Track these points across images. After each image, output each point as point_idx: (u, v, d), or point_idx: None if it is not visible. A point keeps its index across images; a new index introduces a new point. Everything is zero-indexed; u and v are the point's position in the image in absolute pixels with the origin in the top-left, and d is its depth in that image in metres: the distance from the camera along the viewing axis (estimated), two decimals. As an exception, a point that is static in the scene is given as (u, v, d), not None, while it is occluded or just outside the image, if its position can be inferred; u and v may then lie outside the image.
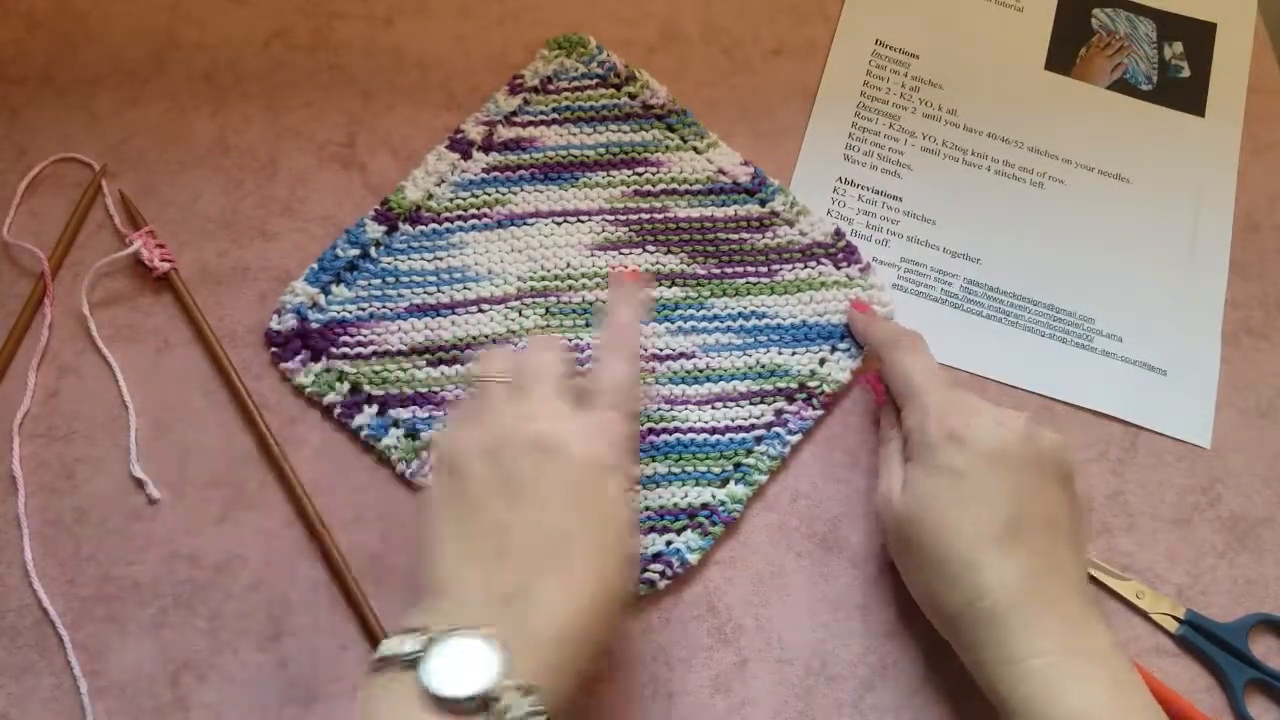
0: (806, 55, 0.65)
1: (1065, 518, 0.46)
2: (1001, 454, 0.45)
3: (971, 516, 0.44)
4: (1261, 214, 0.64)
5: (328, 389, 0.54)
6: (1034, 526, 0.45)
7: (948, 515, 0.45)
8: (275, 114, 0.61)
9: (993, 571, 0.43)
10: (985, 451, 0.45)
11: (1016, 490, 0.45)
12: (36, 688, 0.48)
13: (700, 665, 0.51)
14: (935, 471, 0.46)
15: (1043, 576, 0.44)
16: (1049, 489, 0.46)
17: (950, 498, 0.45)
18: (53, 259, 0.56)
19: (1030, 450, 0.46)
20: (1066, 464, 0.47)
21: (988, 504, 0.44)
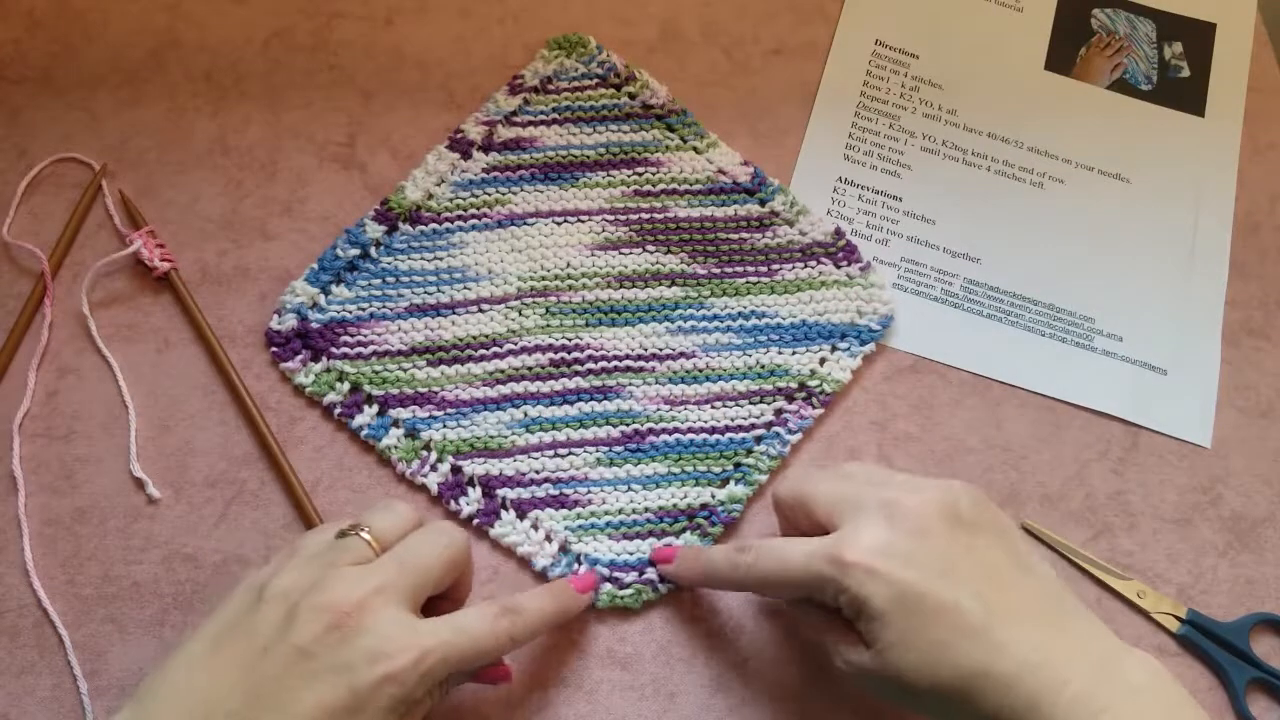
0: (806, 55, 0.65)
1: (1006, 559, 0.43)
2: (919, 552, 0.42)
3: (947, 631, 0.41)
4: (1261, 214, 0.64)
5: (328, 389, 0.54)
6: (996, 593, 0.42)
7: (927, 647, 0.41)
8: (275, 114, 0.61)
9: (1002, 665, 0.40)
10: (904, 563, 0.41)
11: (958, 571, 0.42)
12: (36, 688, 0.48)
13: (700, 665, 0.51)
14: (884, 617, 0.41)
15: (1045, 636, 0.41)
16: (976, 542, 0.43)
17: (915, 629, 0.41)
18: (53, 259, 0.56)
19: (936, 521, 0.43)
20: (965, 508, 0.44)
21: (949, 608, 0.41)
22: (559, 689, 0.50)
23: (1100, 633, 0.43)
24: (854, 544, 0.42)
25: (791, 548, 0.44)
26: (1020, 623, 0.41)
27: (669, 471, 0.54)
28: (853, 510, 0.44)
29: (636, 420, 0.55)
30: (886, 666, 0.42)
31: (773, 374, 0.56)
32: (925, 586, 0.41)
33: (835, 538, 0.43)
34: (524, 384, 0.55)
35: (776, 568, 0.44)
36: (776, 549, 0.45)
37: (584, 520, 0.53)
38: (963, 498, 0.44)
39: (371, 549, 0.43)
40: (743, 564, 0.45)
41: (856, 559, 0.41)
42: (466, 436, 0.54)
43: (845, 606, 0.42)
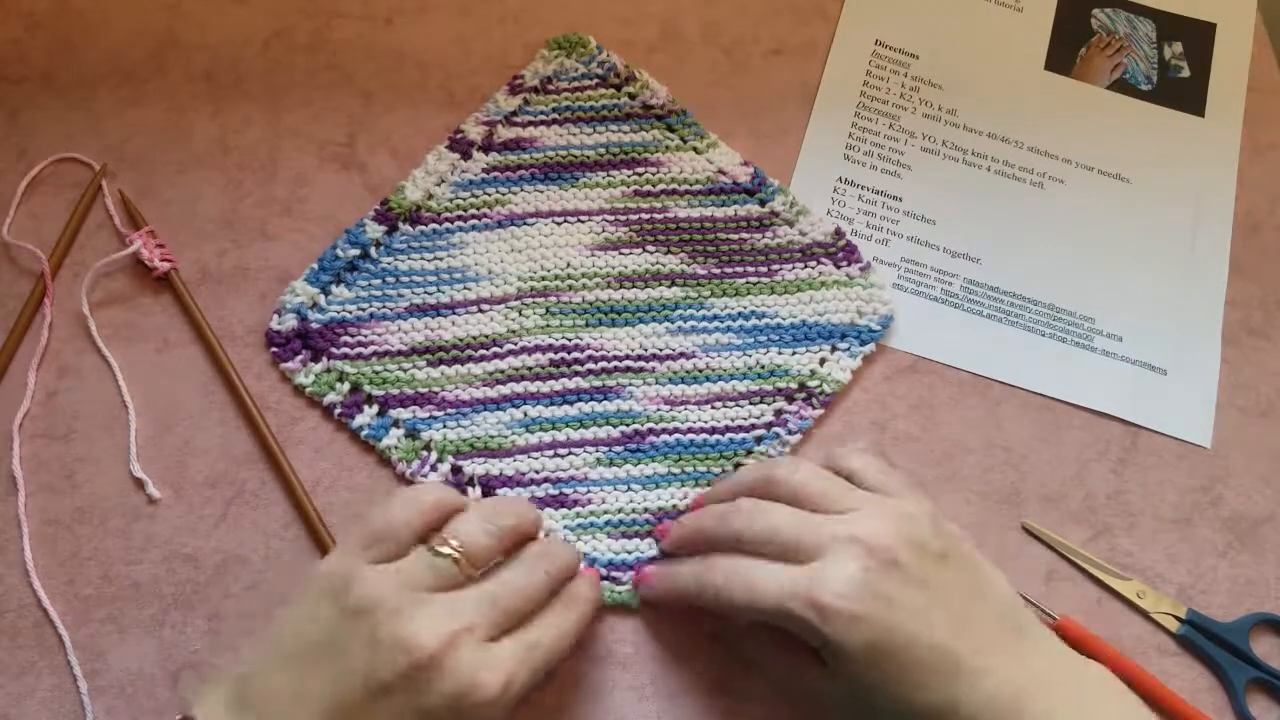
0: (806, 55, 0.65)
1: (967, 583, 0.44)
2: (896, 589, 0.42)
3: (920, 668, 0.41)
4: (1261, 214, 0.64)
5: (328, 389, 0.54)
6: (963, 623, 0.42)
7: (899, 684, 0.42)
8: (275, 114, 0.61)
9: (970, 697, 0.41)
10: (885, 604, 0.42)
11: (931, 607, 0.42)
12: (36, 688, 0.48)
13: (700, 665, 0.51)
14: (855, 657, 0.41)
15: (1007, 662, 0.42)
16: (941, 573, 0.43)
17: (888, 666, 0.41)
18: (53, 259, 0.56)
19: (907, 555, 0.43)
20: (926, 536, 0.44)
21: (922, 644, 0.41)
22: (559, 689, 0.50)
23: (1053, 647, 0.44)
24: (830, 585, 0.42)
25: (763, 579, 0.43)
26: (986, 652, 0.42)
27: (669, 472, 0.54)
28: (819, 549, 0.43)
29: (636, 420, 0.55)
30: (853, 699, 0.43)
31: (773, 374, 0.56)
32: (903, 630, 0.41)
33: (809, 576, 0.42)
34: (524, 384, 0.55)
35: (746, 598, 0.44)
36: (746, 577, 0.44)
37: (583, 519, 0.53)
38: (925, 526, 0.44)
39: (463, 573, 0.42)
40: (710, 585, 0.45)
41: (836, 604, 0.41)
42: (466, 436, 0.54)
43: (818, 645, 0.43)
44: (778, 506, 0.46)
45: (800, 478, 0.46)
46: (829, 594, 0.41)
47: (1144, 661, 0.52)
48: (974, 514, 0.55)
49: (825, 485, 0.46)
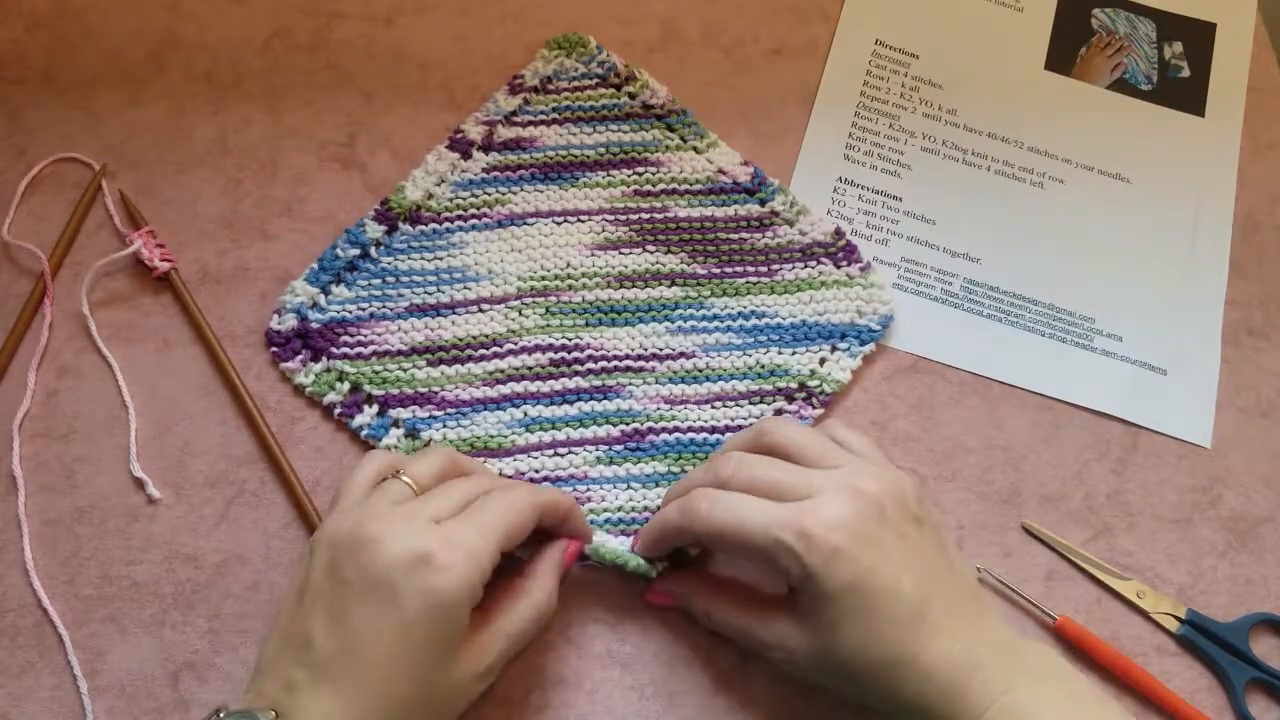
0: (806, 55, 0.65)
1: (937, 551, 0.45)
2: (876, 538, 0.43)
3: (885, 619, 0.42)
4: (1261, 214, 0.64)
5: (328, 389, 0.54)
6: (929, 585, 0.43)
7: (865, 630, 0.42)
8: (275, 114, 0.61)
9: (924, 656, 0.42)
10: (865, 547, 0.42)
11: (902, 562, 0.43)
12: (36, 688, 0.48)
13: (700, 665, 0.51)
14: (831, 597, 0.42)
15: (961, 626, 0.43)
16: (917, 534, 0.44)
17: (857, 612, 0.42)
18: (53, 259, 0.56)
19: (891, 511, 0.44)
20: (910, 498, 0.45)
21: (890, 596, 0.42)
22: (559, 689, 0.50)
23: (1005, 628, 0.45)
24: (820, 517, 0.43)
25: (752, 507, 0.44)
26: (947, 614, 0.43)
27: (669, 470, 0.54)
28: (810, 491, 0.44)
29: (636, 420, 0.55)
30: (819, 641, 0.43)
31: (773, 374, 0.56)
32: (879, 571, 0.42)
33: (799, 508, 0.43)
34: (524, 384, 0.55)
35: (733, 523, 0.44)
36: (735, 504, 0.44)
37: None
38: (910, 490, 0.45)
39: (411, 490, 0.45)
40: (693, 510, 0.45)
41: (823, 534, 0.42)
42: (466, 436, 0.54)
43: (795, 577, 0.43)
44: (766, 458, 0.46)
45: (789, 431, 0.47)
46: (818, 524, 0.42)
47: (1144, 661, 0.52)
48: (974, 514, 0.55)
49: (814, 441, 0.47)
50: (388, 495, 0.44)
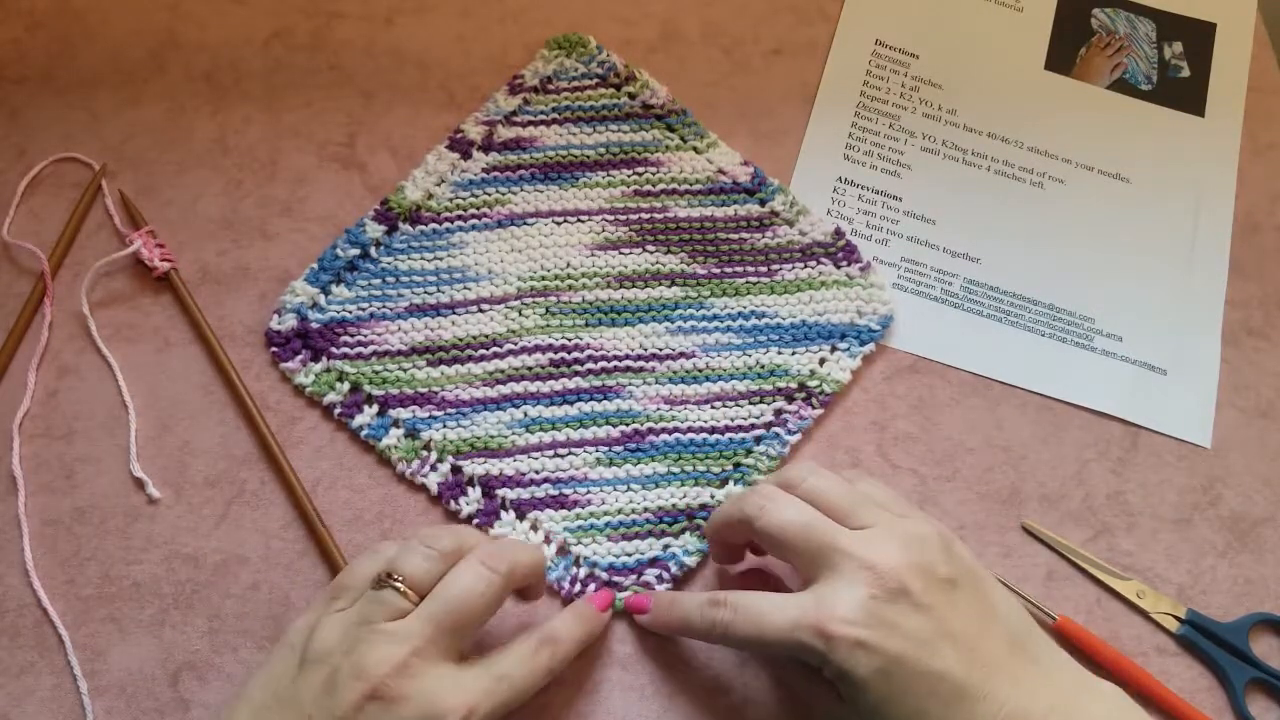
0: (806, 55, 0.65)
1: (974, 609, 0.44)
2: (902, 619, 0.42)
3: (927, 697, 0.41)
4: (1261, 214, 0.64)
5: (328, 389, 0.54)
6: (968, 652, 0.42)
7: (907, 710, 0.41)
8: (275, 114, 0.61)
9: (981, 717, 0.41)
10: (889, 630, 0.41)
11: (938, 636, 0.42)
12: (36, 687, 0.48)
13: (700, 665, 0.51)
14: (865, 685, 0.41)
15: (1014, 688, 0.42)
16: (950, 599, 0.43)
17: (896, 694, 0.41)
18: (53, 259, 0.56)
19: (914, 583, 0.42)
20: (937, 562, 0.43)
21: (929, 673, 0.41)
22: (559, 689, 0.50)
23: (1066, 670, 0.44)
24: (836, 611, 0.42)
25: (770, 612, 0.43)
26: (992, 676, 0.42)
27: (669, 471, 0.54)
28: (829, 566, 0.43)
29: (636, 420, 0.55)
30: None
31: (772, 374, 0.56)
32: (909, 656, 0.41)
33: (815, 603, 0.42)
34: (524, 384, 0.55)
35: (755, 633, 0.43)
36: (754, 611, 0.44)
37: (583, 521, 0.53)
38: (935, 550, 0.44)
39: (408, 600, 0.42)
40: (719, 623, 0.44)
41: (843, 631, 0.41)
42: (466, 436, 0.54)
43: (828, 673, 0.42)
44: (794, 501, 0.45)
45: (816, 482, 0.46)
46: (836, 621, 0.41)
47: (1144, 661, 0.52)
48: (974, 514, 0.55)
49: (841, 492, 0.46)
50: (386, 609, 0.42)
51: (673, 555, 0.52)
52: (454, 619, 0.42)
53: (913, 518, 0.46)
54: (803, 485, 0.46)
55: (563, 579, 0.51)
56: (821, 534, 0.44)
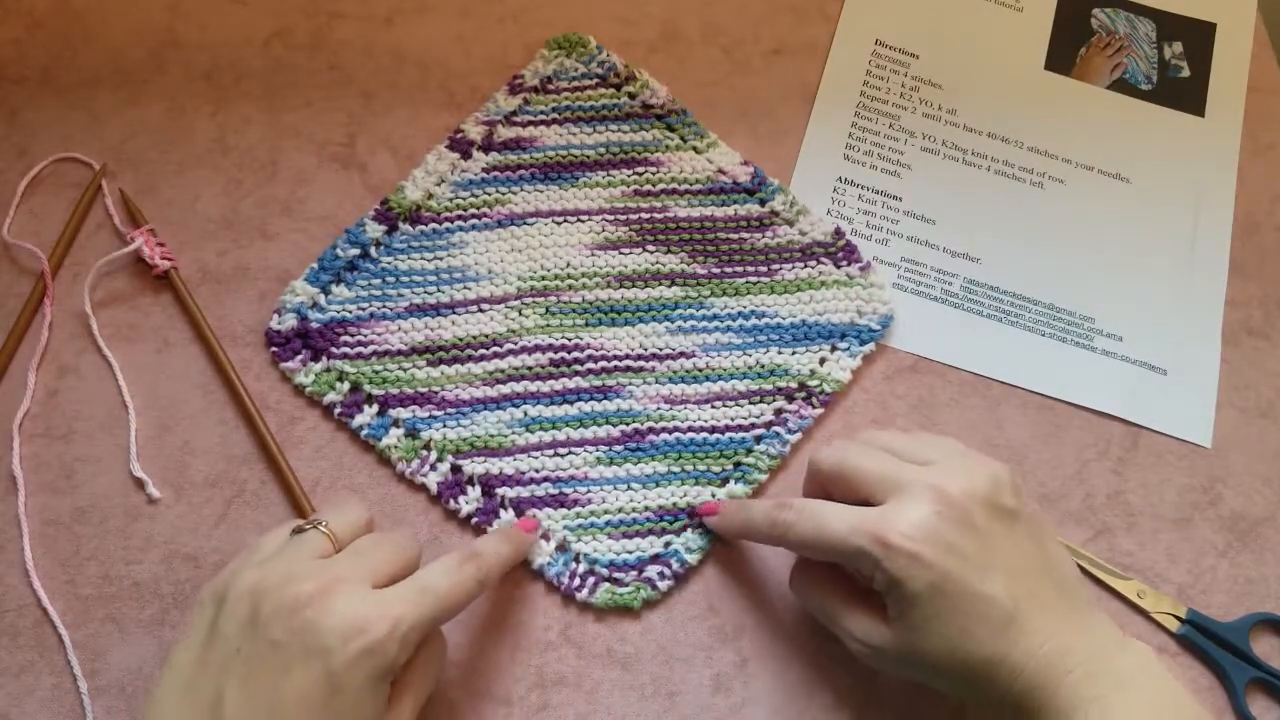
0: (806, 55, 0.65)
1: (1032, 548, 0.44)
2: (960, 541, 0.43)
3: (974, 620, 0.42)
4: (1261, 214, 0.64)
5: (327, 389, 0.54)
6: (1022, 586, 0.43)
7: (951, 631, 0.42)
8: (275, 114, 0.61)
9: (1015, 653, 0.42)
10: (946, 550, 0.42)
11: (993, 564, 0.43)
12: (36, 687, 0.48)
13: (700, 665, 0.51)
14: (915, 599, 0.42)
15: (1058, 630, 0.43)
16: (1010, 534, 0.44)
17: (944, 613, 0.42)
18: (53, 259, 0.56)
19: (977, 511, 0.43)
20: (1004, 494, 0.44)
21: (980, 598, 0.42)
22: (559, 689, 0.50)
23: (1103, 625, 0.45)
24: (898, 524, 0.43)
25: (833, 516, 0.44)
26: (1039, 614, 0.43)
27: (669, 471, 0.54)
28: (897, 489, 0.44)
29: (636, 420, 0.55)
30: (905, 643, 0.43)
31: (773, 374, 0.56)
32: (962, 575, 0.42)
33: (879, 514, 0.43)
34: (524, 384, 0.55)
35: (815, 533, 0.45)
36: (817, 514, 0.45)
37: (583, 519, 0.53)
38: (1005, 487, 0.45)
39: (330, 542, 0.43)
40: (781, 522, 0.46)
41: (900, 542, 0.42)
42: (466, 436, 0.54)
43: (879, 583, 0.43)
44: (862, 448, 0.47)
45: (884, 434, 0.48)
46: (895, 532, 0.42)
47: (1144, 661, 0.52)
48: (974, 514, 0.55)
49: (907, 439, 0.47)
50: (309, 548, 0.43)
51: (674, 552, 0.52)
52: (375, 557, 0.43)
53: (980, 457, 0.47)
54: (866, 435, 0.48)
55: (562, 574, 0.51)
56: (891, 465, 0.45)
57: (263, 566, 0.42)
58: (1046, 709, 0.42)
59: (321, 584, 0.40)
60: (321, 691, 0.39)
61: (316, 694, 0.39)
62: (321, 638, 0.39)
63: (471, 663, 0.50)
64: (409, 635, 0.41)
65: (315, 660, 0.39)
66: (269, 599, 0.40)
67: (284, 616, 0.40)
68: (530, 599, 0.52)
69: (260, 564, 0.42)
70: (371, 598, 0.41)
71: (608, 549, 0.52)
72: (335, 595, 0.40)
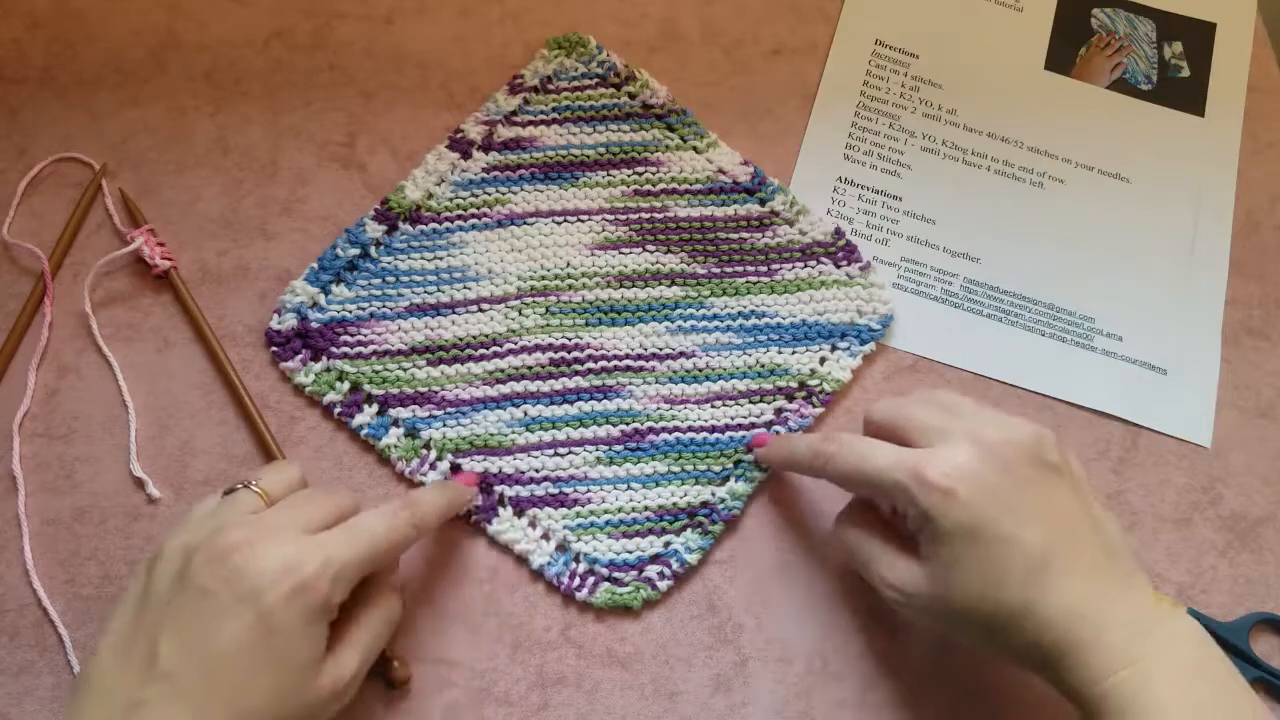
0: (806, 55, 0.65)
1: (1076, 505, 0.44)
2: (998, 485, 0.43)
3: (1006, 565, 0.42)
4: (1261, 214, 0.64)
5: (327, 388, 0.54)
6: (1060, 539, 0.43)
7: (983, 574, 0.42)
8: (275, 114, 0.61)
9: (1047, 604, 0.42)
10: (982, 491, 0.42)
11: (1030, 511, 0.43)
12: (36, 687, 0.48)
13: (700, 665, 0.51)
14: (947, 538, 0.42)
15: (1090, 582, 0.42)
16: (1052, 488, 0.44)
17: (976, 555, 0.42)
18: (53, 258, 0.56)
19: (1018, 461, 0.44)
20: (1049, 450, 0.45)
21: (1014, 543, 0.42)
22: (559, 689, 0.50)
23: (1146, 589, 0.44)
24: (937, 463, 0.43)
25: (875, 451, 0.45)
26: (1075, 570, 0.42)
27: (669, 470, 0.54)
28: (941, 433, 0.45)
29: (636, 419, 0.55)
30: (935, 585, 0.43)
31: (772, 373, 0.56)
32: (994, 517, 0.42)
33: (921, 453, 0.44)
34: (524, 383, 0.55)
35: (856, 465, 0.45)
36: (860, 448, 0.46)
37: (583, 519, 0.53)
38: (1048, 442, 0.45)
39: (262, 499, 0.44)
40: (824, 454, 0.47)
41: (936, 479, 0.42)
42: (466, 435, 0.54)
43: (912, 519, 0.44)
44: (917, 400, 0.47)
45: (939, 392, 0.48)
46: (933, 469, 0.43)
47: (1144, 661, 0.52)
48: (974, 514, 0.55)
49: (961, 399, 0.47)
50: (240, 505, 0.43)
51: (674, 552, 0.52)
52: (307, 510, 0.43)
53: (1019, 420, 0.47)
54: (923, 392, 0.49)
55: (562, 574, 0.52)
56: (940, 416, 0.46)
57: (192, 529, 0.42)
58: (1077, 668, 0.41)
59: (251, 532, 0.41)
60: (255, 634, 0.39)
61: (250, 637, 0.39)
62: (251, 580, 0.39)
63: (471, 663, 0.50)
64: (341, 574, 0.41)
65: (247, 603, 0.39)
66: (199, 552, 0.40)
67: (214, 565, 0.40)
68: (530, 599, 0.52)
69: (190, 527, 0.43)
70: (302, 540, 0.41)
71: (608, 549, 0.52)
72: (264, 541, 0.40)
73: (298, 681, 0.40)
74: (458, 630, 0.51)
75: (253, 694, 0.39)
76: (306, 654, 0.40)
